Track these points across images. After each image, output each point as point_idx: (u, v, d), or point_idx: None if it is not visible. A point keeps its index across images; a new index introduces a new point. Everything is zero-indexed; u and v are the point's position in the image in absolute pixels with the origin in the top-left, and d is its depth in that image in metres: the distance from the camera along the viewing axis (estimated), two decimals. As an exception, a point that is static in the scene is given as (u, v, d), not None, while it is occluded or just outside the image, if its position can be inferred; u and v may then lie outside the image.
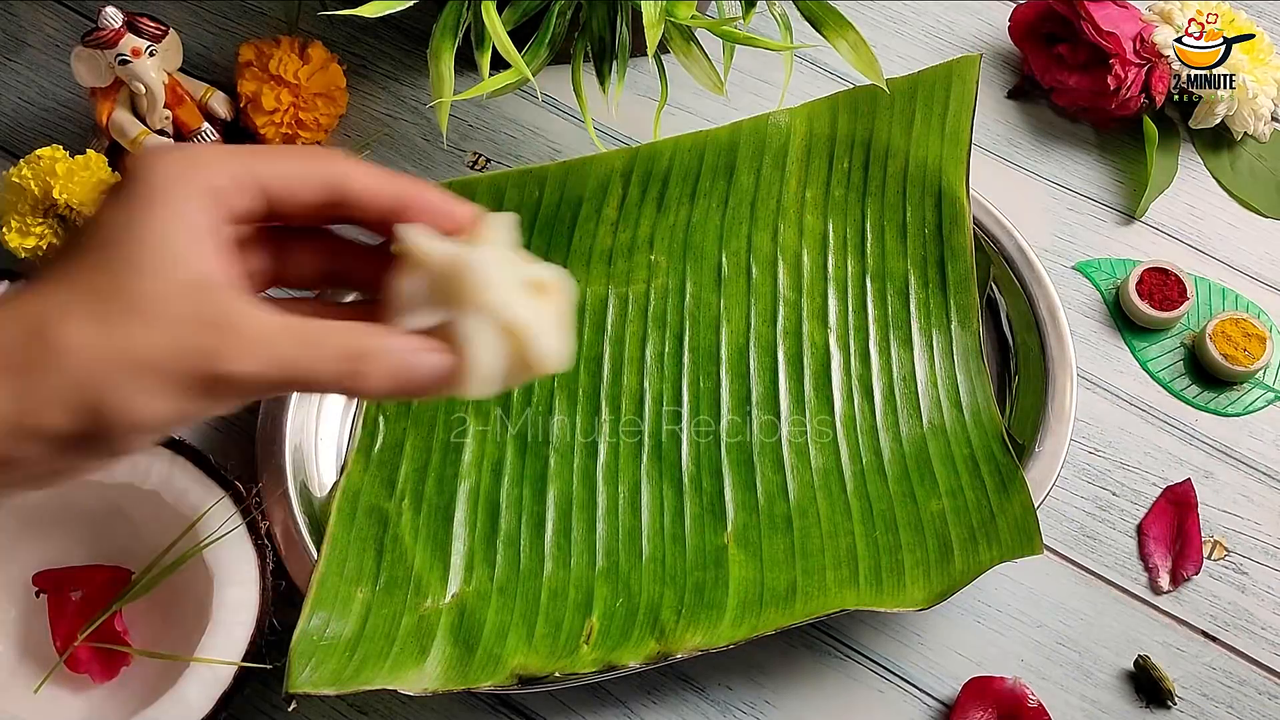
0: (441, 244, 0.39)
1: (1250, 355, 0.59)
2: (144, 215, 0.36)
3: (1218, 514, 0.57)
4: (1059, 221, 0.65)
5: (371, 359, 0.37)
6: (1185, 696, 0.53)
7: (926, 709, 0.53)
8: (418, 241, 0.39)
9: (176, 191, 0.37)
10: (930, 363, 0.57)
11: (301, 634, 0.49)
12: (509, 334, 0.39)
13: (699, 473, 0.55)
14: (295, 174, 0.39)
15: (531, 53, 0.57)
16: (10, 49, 0.71)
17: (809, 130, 0.61)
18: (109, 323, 0.35)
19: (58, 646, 0.51)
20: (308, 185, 0.39)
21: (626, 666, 0.49)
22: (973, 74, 0.59)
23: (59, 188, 0.58)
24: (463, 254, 0.39)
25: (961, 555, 0.49)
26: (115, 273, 0.35)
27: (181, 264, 0.36)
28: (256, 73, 0.65)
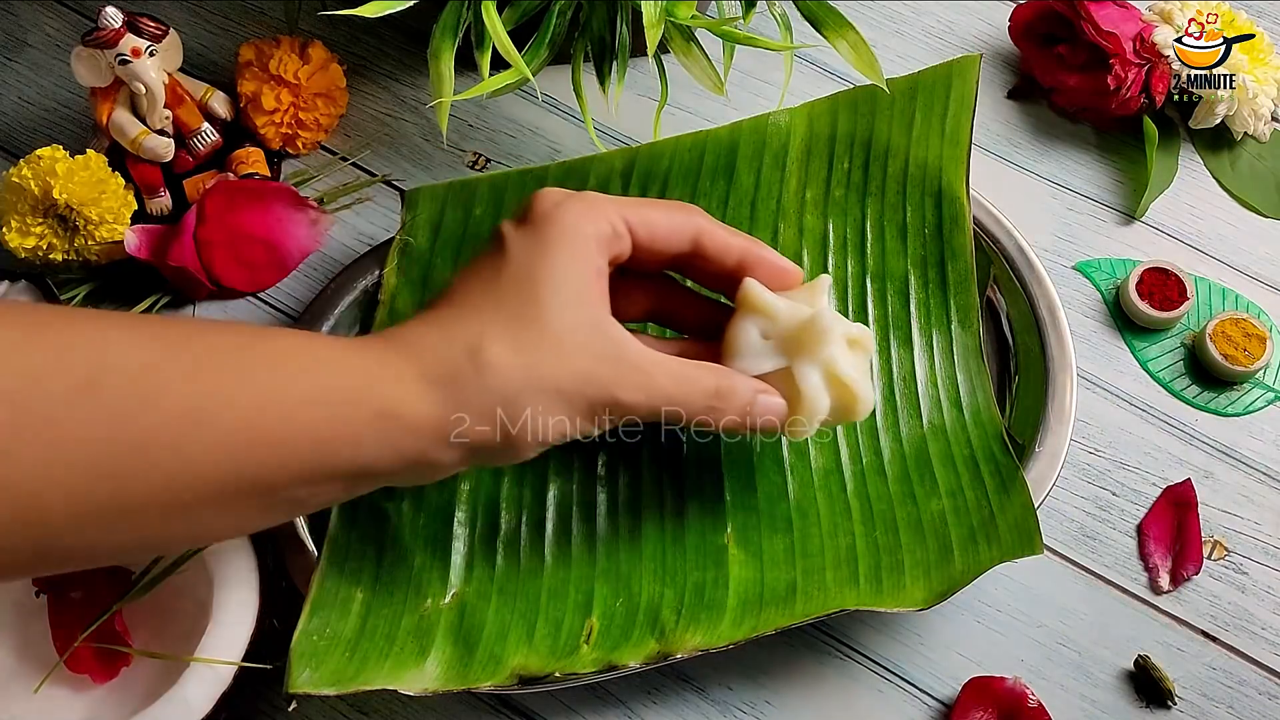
0: (785, 300, 0.46)
1: (1250, 355, 0.59)
2: (554, 256, 0.43)
3: (1218, 514, 0.57)
4: (1059, 221, 0.65)
5: (729, 398, 0.44)
6: (1185, 696, 0.53)
7: (926, 709, 0.53)
8: (763, 295, 0.47)
9: (579, 236, 0.43)
10: (930, 363, 0.57)
11: (301, 634, 0.49)
12: (836, 383, 0.46)
13: (699, 472, 0.55)
14: (664, 227, 0.46)
15: (531, 53, 0.57)
16: (10, 49, 0.71)
17: (809, 130, 0.61)
18: (527, 349, 0.41)
19: (58, 646, 0.51)
20: (673, 238, 0.46)
21: (627, 666, 0.49)
22: (973, 74, 0.59)
23: (59, 188, 0.58)
24: (805, 310, 0.46)
25: (961, 555, 0.49)
26: (531, 305, 0.42)
27: (583, 302, 0.43)
28: (256, 73, 0.65)
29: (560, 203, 0.44)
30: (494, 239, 0.45)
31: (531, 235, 0.43)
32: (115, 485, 0.36)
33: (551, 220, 0.43)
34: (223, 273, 0.62)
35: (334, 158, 0.67)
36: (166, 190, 0.64)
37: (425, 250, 0.59)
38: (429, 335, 0.42)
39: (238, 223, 0.62)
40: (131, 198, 0.62)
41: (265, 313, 0.63)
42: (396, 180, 0.67)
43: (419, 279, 0.59)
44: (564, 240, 0.43)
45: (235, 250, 0.62)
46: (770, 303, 0.47)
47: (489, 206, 0.60)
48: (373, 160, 0.67)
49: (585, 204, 0.44)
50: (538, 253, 0.43)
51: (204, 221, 0.61)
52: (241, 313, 0.63)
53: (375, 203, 0.66)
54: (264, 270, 0.63)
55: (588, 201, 0.44)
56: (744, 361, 0.46)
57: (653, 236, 0.45)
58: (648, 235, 0.45)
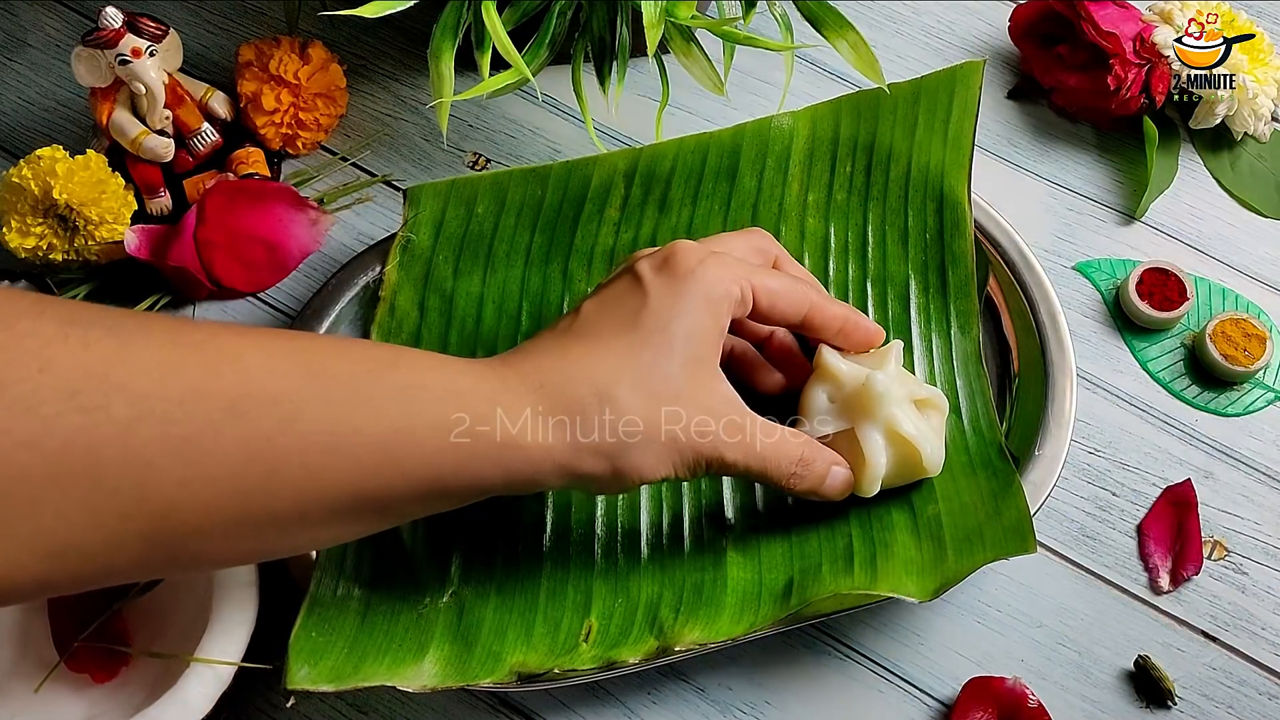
0: (850, 365, 0.51)
1: (1250, 355, 0.59)
2: (693, 313, 0.45)
3: (1218, 514, 0.57)
4: (1059, 221, 0.65)
5: (810, 466, 0.48)
6: (1185, 696, 0.53)
7: (926, 709, 0.53)
8: (833, 362, 0.51)
9: (715, 297, 0.46)
10: (930, 368, 0.57)
11: (300, 630, 0.49)
12: (899, 441, 0.50)
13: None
14: (784, 300, 0.48)
15: (531, 53, 0.57)
16: (10, 49, 0.71)
17: (811, 133, 0.61)
18: (654, 398, 0.44)
19: (58, 646, 0.51)
20: (791, 309, 0.48)
21: (626, 664, 0.49)
22: (976, 79, 0.59)
23: (59, 188, 0.58)
24: (866, 375, 0.49)
25: (956, 555, 0.50)
26: (664, 356, 0.44)
27: (708, 361, 0.46)
28: (256, 73, 0.65)
29: (704, 260, 0.46)
30: (630, 276, 0.46)
31: (672, 286, 0.45)
32: (248, 501, 0.38)
33: (694, 277, 0.45)
34: (223, 273, 0.62)
35: (334, 158, 0.67)
36: (166, 190, 0.64)
37: (427, 248, 0.59)
38: (557, 368, 0.44)
39: (238, 223, 0.62)
40: (131, 198, 0.62)
41: (265, 313, 0.63)
42: (396, 180, 0.67)
43: (420, 276, 0.59)
44: (703, 299, 0.45)
45: (235, 250, 0.62)
46: (836, 368, 0.51)
47: (491, 204, 0.60)
48: (373, 160, 0.67)
49: (724, 267, 0.46)
50: (678, 306, 0.45)
51: (204, 221, 0.61)
52: (241, 313, 0.63)
53: (375, 203, 0.66)
54: (264, 270, 0.63)
55: (726, 264, 0.46)
56: (813, 423, 0.51)
57: (772, 306, 0.48)
58: (768, 304, 0.48)
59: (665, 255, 0.46)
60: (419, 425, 0.41)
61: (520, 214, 0.60)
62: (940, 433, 0.52)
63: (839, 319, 0.50)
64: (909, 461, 0.50)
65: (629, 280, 0.46)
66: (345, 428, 0.40)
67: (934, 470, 0.51)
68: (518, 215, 0.60)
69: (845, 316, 0.50)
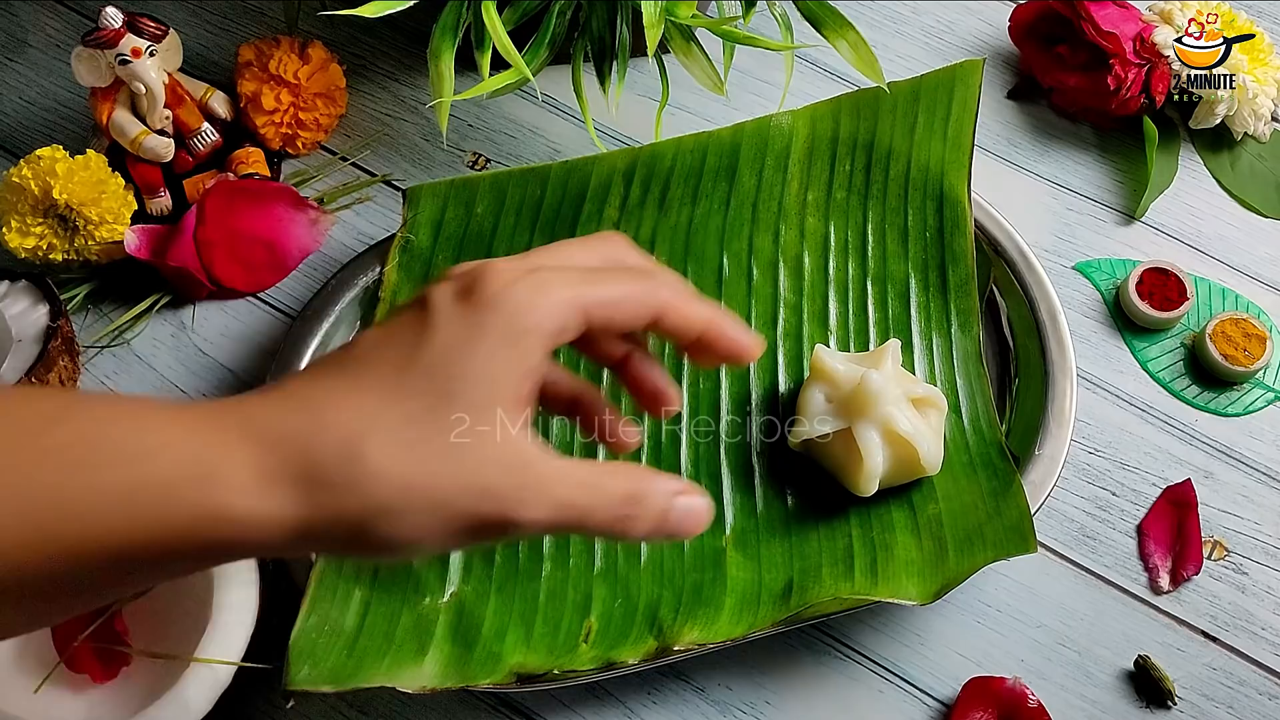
0: (847, 364, 0.51)
1: (1250, 355, 0.59)
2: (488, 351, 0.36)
3: (1218, 514, 0.57)
4: (1059, 221, 0.65)
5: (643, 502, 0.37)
6: (1185, 696, 0.53)
7: (926, 709, 0.53)
8: (829, 363, 0.51)
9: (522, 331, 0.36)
10: (930, 367, 0.57)
11: (300, 631, 0.49)
12: (896, 440, 0.50)
13: (698, 474, 0.55)
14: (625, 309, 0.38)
15: (531, 53, 0.57)
16: (10, 49, 0.71)
17: (811, 132, 0.61)
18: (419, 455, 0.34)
19: (58, 646, 0.51)
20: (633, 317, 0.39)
21: (626, 664, 0.49)
22: (976, 78, 0.59)
23: (59, 188, 0.58)
24: (862, 374, 0.49)
25: (956, 555, 0.50)
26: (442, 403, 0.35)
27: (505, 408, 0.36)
28: (256, 73, 0.65)
29: (511, 284, 0.36)
30: (420, 304, 0.37)
31: (468, 318, 0.36)
32: None
33: (496, 306, 0.36)
34: (223, 273, 0.62)
35: (334, 158, 0.67)
36: (166, 190, 0.64)
37: (427, 247, 0.59)
38: (294, 418, 0.35)
39: (238, 223, 0.62)
40: (131, 198, 0.62)
41: (265, 312, 0.63)
42: (396, 180, 0.67)
43: (420, 276, 0.59)
44: (504, 333, 0.36)
45: (235, 250, 0.62)
46: (832, 368, 0.51)
47: (491, 204, 0.60)
48: (372, 160, 0.67)
49: (539, 291, 0.37)
50: (468, 343, 0.36)
51: (204, 221, 0.61)
52: (241, 313, 0.63)
53: (375, 203, 0.66)
54: (264, 270, 0.63)
55: (543, 287, 0.37)
56: (811, 423, 0.51)
57: (610, 321, 0.39)
58: (604, 320, 0.38)
59: (470, 278, 0.37)
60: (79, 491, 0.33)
61: (520, 214, 0.60)
62: (939, 431, 0.52)
63: (701, 322, 0.40)
64: (907, 460, 0.50)
65: (417, 309, 0.37)
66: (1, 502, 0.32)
67: (932, 469, 0.51)
68: (517, 215, 0.60)
69: (709, 320, 0.40)
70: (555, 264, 0.39)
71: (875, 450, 0.50)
